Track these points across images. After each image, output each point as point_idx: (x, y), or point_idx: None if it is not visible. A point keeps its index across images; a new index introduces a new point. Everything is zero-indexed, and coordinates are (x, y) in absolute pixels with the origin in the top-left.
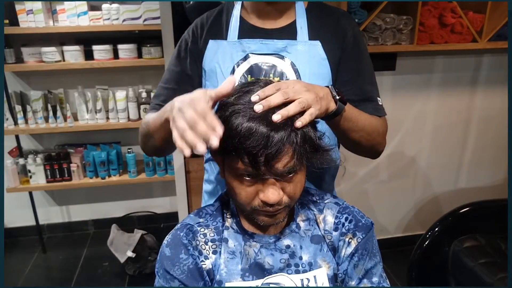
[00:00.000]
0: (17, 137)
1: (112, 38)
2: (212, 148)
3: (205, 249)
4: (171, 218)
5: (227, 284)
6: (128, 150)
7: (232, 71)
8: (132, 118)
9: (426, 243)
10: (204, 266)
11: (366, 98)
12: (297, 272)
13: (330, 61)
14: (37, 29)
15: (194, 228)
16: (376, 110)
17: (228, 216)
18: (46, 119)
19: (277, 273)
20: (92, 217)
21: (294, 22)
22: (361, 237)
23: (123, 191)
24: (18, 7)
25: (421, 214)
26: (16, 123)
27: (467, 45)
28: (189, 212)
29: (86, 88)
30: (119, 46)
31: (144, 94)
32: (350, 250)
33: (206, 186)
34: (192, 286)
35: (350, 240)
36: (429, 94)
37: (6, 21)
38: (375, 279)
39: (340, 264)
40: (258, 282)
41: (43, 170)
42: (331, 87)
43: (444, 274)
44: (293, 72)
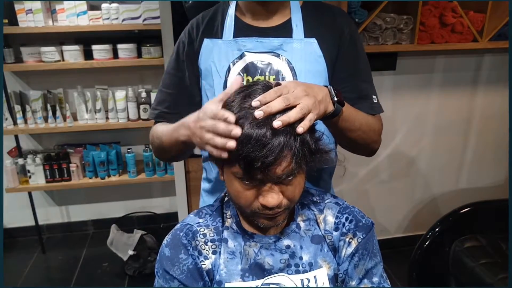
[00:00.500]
0: (17, 137)
1: (112, 38)
2: (234, 137)
3: (205, 249)
4: (171, 218)
5: (227, 285)
6: (128, 150)
7: (228, 70)
8: (132, 118)
9: (427, 244)
10: (204, 266)
11: (363, 96)
12: (297, 272)
13: (326, 58)
14: (37, 29)
15: (194, 228)
16: (372, 108)
17: (228, 216)
18: (46, 119)
19: (277, 273)
20: (92, 217)
21: (290, 20)
22: (362, 237)
23: (123, 191)
24: (18, 7)
25: (422, 214)
26: (16, 123)
27: (468, 45)
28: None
29: (86, 88)
30: (119, 46)
31: (144, 94)
32: (351, 250)
33: (204, 185)
34: (192, 287)
35: (351, 240)
36: (430, 94)
37: (6, 21)
38: (376, 279)
39: (341, 264)
40: (258, 283)
41: (43, 170)
42: (330, 88)
43: (445, 275)
44: (289, 70)
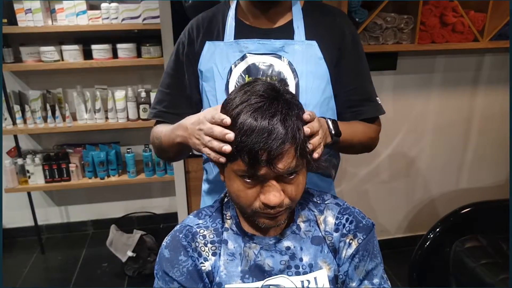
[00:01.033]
0: (16, 137)
1: (111, 38)
2: (230, 141)
3: (205, 251)
4: (171, 219)
5: (227, 286)
6: (127, 150)
7: (230, 72)
8: (131, 118)
9: (427, 244)
10: (204, 268)
11: (367, 98)
12: (298, 274)
13: (327, 60)
14: (36, 28)
15: (194, 230)
16: (378, 110)
17: (228, 218)
18: (45, 119)
19: (277, 275)
20: (91, 218)
21: (291, 22)
22: (362, 238)
23: (122, 191)
24: (17, 6)
25: (422, 215)
26: (15, 123)
27: (468, 45)
28: (189, 213)
29: (85, 88)
30: (118, 46)
31: (144, 94)
32: (351, 251)
33: (205, 186)
34: None
35: (351, 241)
36: (430, 94)
37: (5, 20)
38: (376, 281)
39: (341, 266)
40: (258, 284)
41: (42, 170)
42: (328, 120)
43: (445, 275)
44: (291, 72)
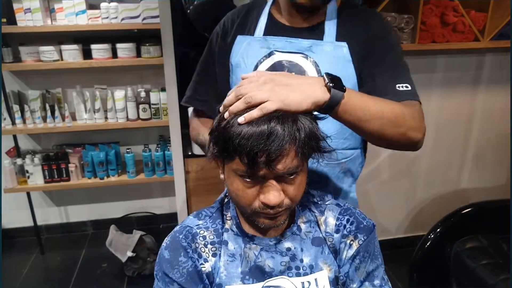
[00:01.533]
0: (15, 137)
1: (111, 37)
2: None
3: (205, 252)
4: (170, 219)
5: (227, 287)
6: (127, 150)
7: (255, 67)
8: (131, 118)
9: (428, 244)
10: (204, 269)
11: (386, 86)
12: (298, 275)
13: (355, 63)
14: (35, 28)
15: (194, 231)
16: (397, 95)
17: (228, 218)
18: (44, 119)
19: (278, 276)
20: (91, 218)
21: (323, 22)
22: (363, 239)
23: (122, 192)
24: (16, 6)
25: (423, 215)
26: (14, 123)
27: (469, 44)
28: (189, 213)
29: (85, 88)
30: (118, 45)
31: (143, 94)
32: (352, 253)
33: None
34: None
35: (352, 242)
36: (431, 94)
37: (4, 20)
38: (377, 282)
39: (342, 267)
40: (259, 285)
41: (41, 171)
42: (325, 75)
43: (446, 276)
44: (316, 73)
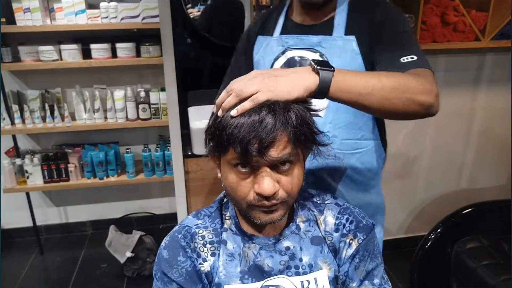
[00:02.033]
0: (14, 137)
1: (110, 37)
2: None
3: (204, 251)
4: (170, 219)
5: (226, 287)
6: (127, 150)
7: (272, 65)
8: (131, 118)
9: (428, 244)
10: (203, 269)
11: (389, 61)
12: (297, 274)
13: (363, 55)
14: (34, 28)
15: (192, 230)
16: (400, 67)
17: (227, 218)
18: (44, 119)
19: (277, 275)
20: (90, 218)
21: (333, 18)
22: (362, 238)
23: (121, 192)
24: (15, 5)
25: (423, 215)
26: (13, 123)
27: (470, 44)
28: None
29: (84, 88)
30: (118, 45)
31: (143, 94)
32: (351, 252)
33: None
34: None
35: (351, 241)
36: None
37: (3, 20)
38: (376, 281)
39: (341, 266)
40: (258, 285)
41: (40, 171)
42: (311, 62)
43: (447, 276)
44: None
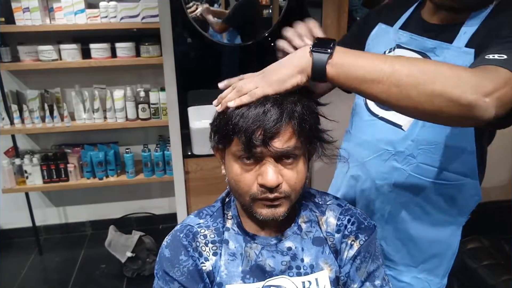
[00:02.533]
0: (13, 137)
1: (110, 37)
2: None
3: (205, 251)
4: (170, 219)
5: (228, 286)
6: (126, 150)
7: None
8: (130, 118)
9: None
10: (204, 268)
11: (484, 53)
12: (299, 275)
13: None
14: (34, 27)
15: (194, 229)
16: (486, 62)
17: (229, 217)
18: (43, 119)
19: (278, 276)
20: (90, 218)
21: (462, 23)
22: (364, 240)
23: (121, 192)
24: (14, 5)
25: None
26: (12, 123)
27: None
28: (188, 213)
29: (84, 87)
30: (117, 45)
31: (142, 93)
32: (353, 253)
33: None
34: None
35: (353, 243)
36: None
37: (2, 19)
38: (378, 282)
39: (342, 267)
40: (259, 285)
41: (40, 171)
42: (314, 39)
43: (447, 276)
44: None
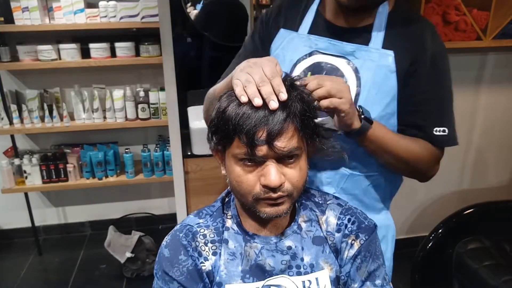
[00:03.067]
0: (13, 137)
1: (109, 36)
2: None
3: (205, 250)
4: (170, 220)
5: (227, 286)
6: (126, 150)
7: (294, 65)
8: (130, 118)
9: (430, 245)
10: (204, 268)
11: (428, 125)
12: (299, 274)
13: (399, 75)
14: (33, 27)
15: (194, 229)
16: (434, 140)
17: (229, 217)
18: (42, 119)
19: (278, 275)
20: (89, 219)
21: (371, 26)
22: (364, 239)
23: (121, 192)
24: (14, 5)
25: (425, 216)
26: (12, 123)
27: (471, 43)
28: (188, 214)
29: (83, 87)
30: (117, 44)
31: (142, 93)
32: (353, 252)
33: None
34: None
35: (353, 242)
36: None
37: (1, 19)
38: (378, 282)
39: (343, 266)
40: (259, 284)
41: (39, 171)
42: (359, 106)
43: (448, 277)
44: (355, 79)
